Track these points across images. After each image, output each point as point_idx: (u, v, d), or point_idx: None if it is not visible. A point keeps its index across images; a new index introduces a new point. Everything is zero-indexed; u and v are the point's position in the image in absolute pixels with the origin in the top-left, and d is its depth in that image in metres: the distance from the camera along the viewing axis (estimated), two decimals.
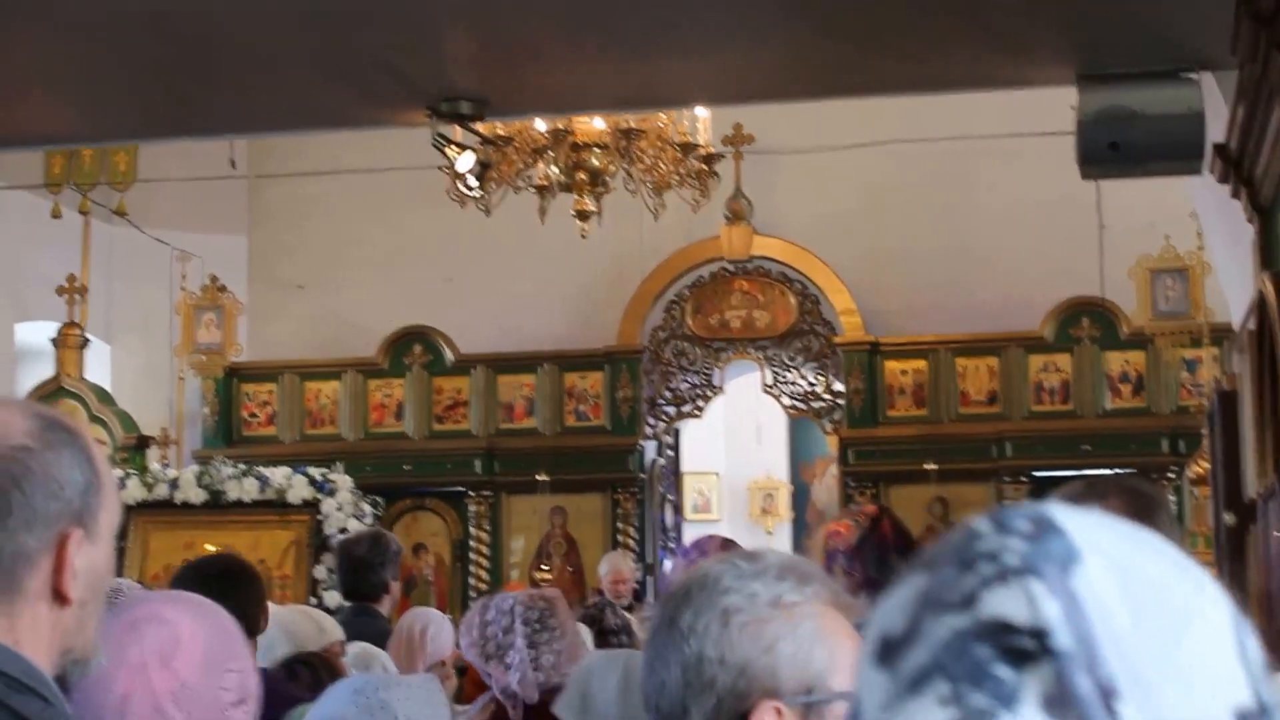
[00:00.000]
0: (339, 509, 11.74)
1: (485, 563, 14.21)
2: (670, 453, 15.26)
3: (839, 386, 14.11)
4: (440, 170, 8.78)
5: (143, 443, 13.43)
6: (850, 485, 13.96)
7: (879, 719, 0.80)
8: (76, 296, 13.43)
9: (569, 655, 4.12)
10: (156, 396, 14.54)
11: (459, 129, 6.41)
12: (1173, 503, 13.02)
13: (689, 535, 15.94)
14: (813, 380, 14.32)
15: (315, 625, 5.22)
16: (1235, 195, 5.95)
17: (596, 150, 11.33)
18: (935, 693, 0.77)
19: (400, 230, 14.65)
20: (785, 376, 14.34)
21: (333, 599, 11.37)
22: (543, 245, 12.97)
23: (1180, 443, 13.05)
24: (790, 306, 14.28)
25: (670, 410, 14.62)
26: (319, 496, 11.76)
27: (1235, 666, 0.76)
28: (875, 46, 5.96)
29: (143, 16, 5.37)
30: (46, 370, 13.54)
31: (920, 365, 13.85)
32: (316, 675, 4.56)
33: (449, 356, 14.42)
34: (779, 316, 14.30)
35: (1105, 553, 0.80)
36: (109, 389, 13.88)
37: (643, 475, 14.36)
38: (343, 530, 11.68)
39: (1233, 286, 7.55)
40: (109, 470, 1.87)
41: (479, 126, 6.47)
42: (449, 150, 6.27)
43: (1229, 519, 6.27)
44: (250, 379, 14.61)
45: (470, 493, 14.29)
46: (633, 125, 11.15)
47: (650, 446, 14.59)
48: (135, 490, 11.75)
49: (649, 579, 14.12)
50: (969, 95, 8.98)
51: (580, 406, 14.31)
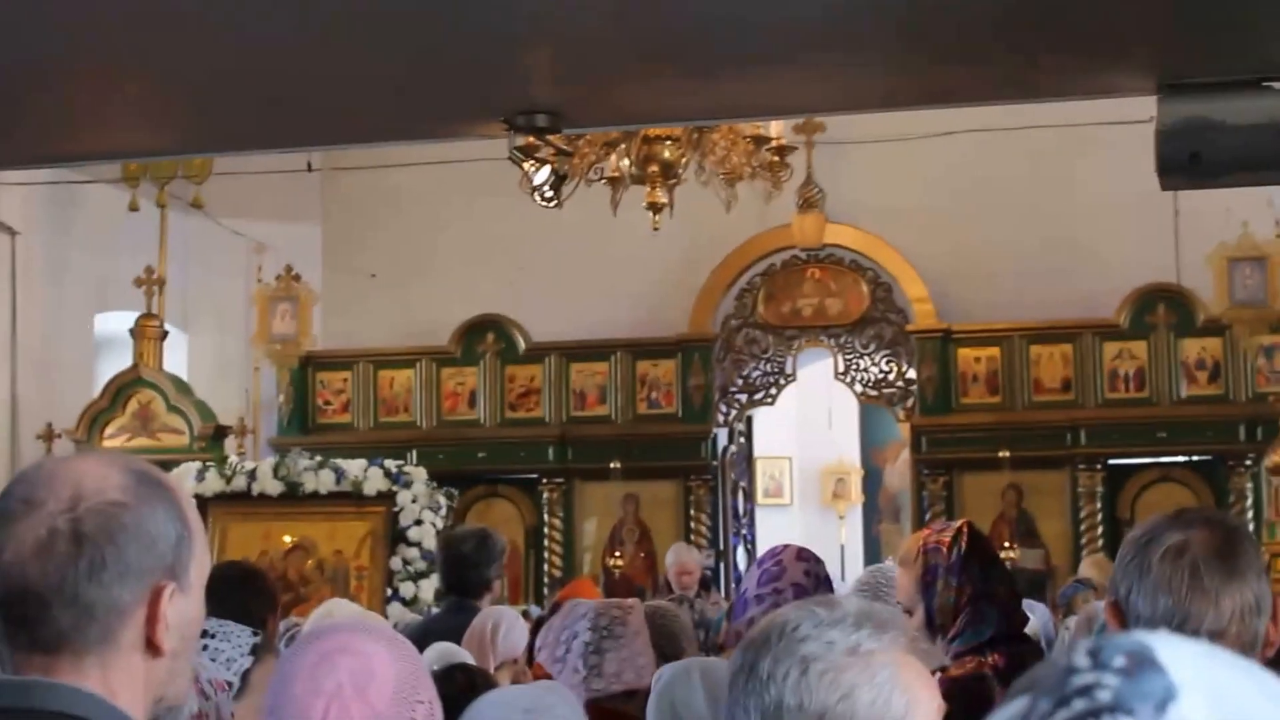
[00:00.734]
0: (414, 501, 11.78)
1: (558, 550, 14.29)
2: (742, 439, 15.26)
3: (911, 374, 14.07)
4: (513, 162, 8.77)
5: (220, 432, 13.54)
6: (923, 473, 13.94)
7: None
8: (154, 288, 13.55)
9: (637, 663, 4.13)
10: (232, 386, 14.69)
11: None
12: (1249, 490, 12.95)
13: (761, 520, 15.99)
14: (885, 367, 14.28)
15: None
16: None
17: (668, 143, 11.31)
18: None
19: (473, 220, 14.70)
20: (857, 364, 14.32)
21: (408, 590, 11.48)
22: (615, 234, 12.97)
23: (1258, 430, 12.95)
24: (862, 294, 14.25)
25: (742, 398, 14.62)
26: (394, 488, 11.81)
27: None
28: (957, 57, 5.91)
29: (222, 38, 5.40)
30: (125, 360, 13.69)
31: (993, 352, 13.79)
32: (472, 682, 4.59)
33: (522, 345, 14.49)
34: (851, 304, 14.27)
35: (1207, 690, 0.79)
36: (186, 379, 14.01)
37: (715, 462, 14.39)
38: (417, 522, 11.76)
39: None
40: (200, 522, 1.90)
41: (555, 139, 6.47)
42: (526, 164, 6.30)
43: None
44: (325, 368, 14.74)
45: (543, 480, 14.37)
46: None
47: (722, 433, 14.60)
48: (213, 482, 11.82)
49: (721, 565, 14.16)
50: None
51: (653, 394, 14.34)
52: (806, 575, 3.96)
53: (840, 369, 14.37)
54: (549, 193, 6.79)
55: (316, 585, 11.76)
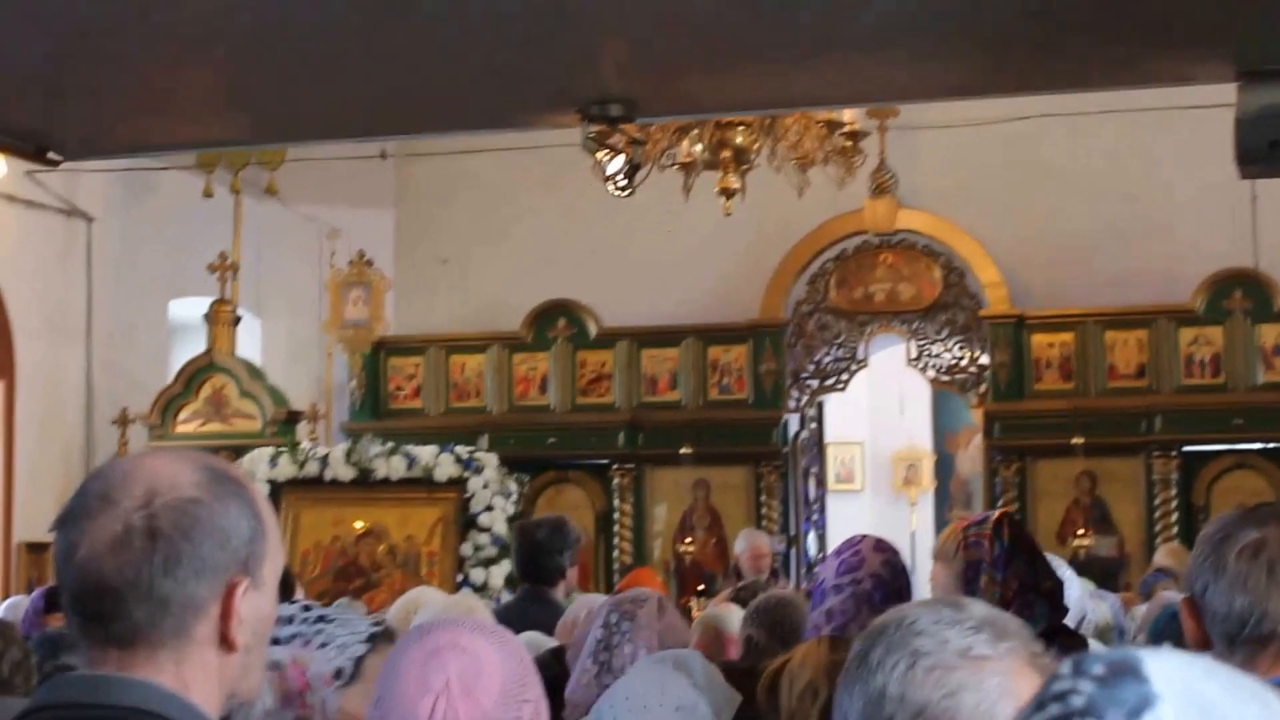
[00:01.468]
0: (485, 487, 11.82)
1: (628, 535, 14.30)
2: (813, 425, 15.21)
3: (984, 359, 13.99)
4: (587, 151, 8.76)
5: (292, 417, 13.61)
6: (995, 459, 13.86)
7: None
8: (228, 274, 13.64)
9: (640, 655, 4.09)
10: (305, 371, 14.81)
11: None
12: None
13: (832, 506, 15.94)
14: (957, 353, 14.20)
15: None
16: None
17: (741, 128, 11.27)
18: None
19: (545, 205, 14.73)
20: (930, 349, 14.25)
21: (478, 576, 11.51)
22: (686, 219, 12.95)
23: None
24: (935, 279, 14.16)
25: (813, 383, 14.58)
26: (466, 474, 11.85)
27: None
28: (1033, 45, 5.86)
29: (300, 28, 5.42)
30: (198, 346, 13.79)
31: (1067, 338, 13.68)
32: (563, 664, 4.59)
33: (593, 330, 14.50)
34: (924, 289, 14.19)
35: (1188, 702, 0.80)
36: (259, 364, 14.10)
37: (785, 448, 14.35)
38: (488, 508, 11.80)
39: None
40: (273, 518, 1.93)
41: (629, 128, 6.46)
42: (600, 154, 6.30)
43: None
44: (397, 353, 14.80)
45: (614, 466, 14.38)
46: None
47: (793, 419, 14.57)
48: (286, 467, 11.89)
49: (792, 551, 14.13)
50: None
51: (724, 379, 14.32)
52: (885, 565, 3.92)
53: (913, 354, 14.31)
54: (622, 181, 6.79)
55: (388, 571, 11.83)
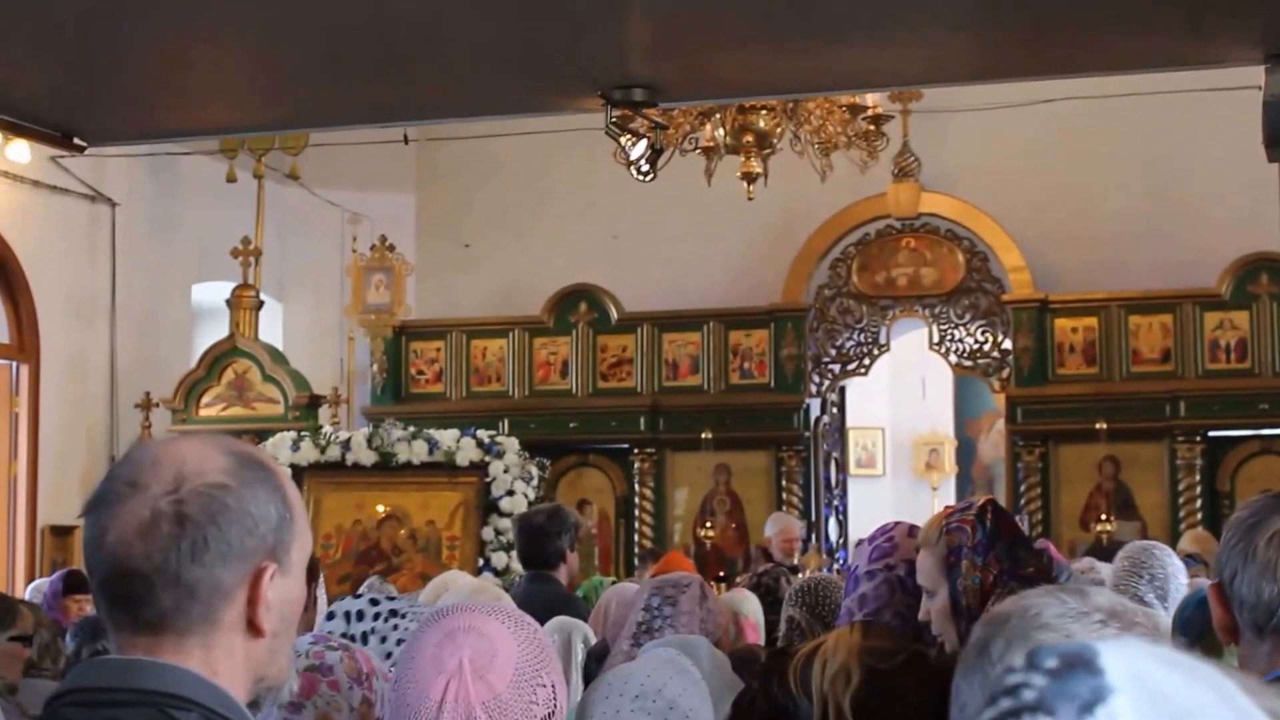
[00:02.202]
0: (506, 471, 11.82)
1: (649, 519, 14.30)
2: (835, 410, 15.18)
3: (1007, 344, 13.94)
4: (610, 136, 8.74)
5: (314, 402, 13.65)
6: (1018, 444, 13.83)
7: None
8: (250, 258, 13.68)
9: (680, 638, 4.09)
10: (327, 355, 14.85)
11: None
12: None
13: (853, 491, 15.92)
14: (980, 337, 14.15)
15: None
16: None
17: (763, 112, 11.26)
18: None
19: (566, 190, 14.73)
20: (952, 334, 14.19)
21: (500, 560, 11.52)
22: (708, 203, 12.92)
23: None
24: (958, 264, 14.12)
25: (835, 368, 14.54)
26: (487, 459, 11.85)
27: None
28: (1060, 29, 5.84)
29: (323, 13, 5.42)
30: (221, 330, 13.83)
31: (1091, 322, 13.62)
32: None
33: (614, 314, 14.49)
34: (946, 274, 14.14)
35: (1145, 692, 0.79)
36: (281, 349, 14.15)
37: (807, 433, 14.33)
38: (509, 492, 11.80)
39: None
40: (301, 504, 1.92)
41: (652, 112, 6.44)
42: (623, 139, 6.28)
43: None
44: (418, 337, 14.81)
45: (635, 450, 14.39)
46: None
47: (815, 404, 14.54)
48: (308, 451, 11.90)
49: (813, 536, 14.11)
50: None
51: (745, 364, 14.30)
52: (918, 551, 3.92)
53: (935, 339, 14.26)
54: (645, 166, 6.77)
55: (409, 555, 11.84)
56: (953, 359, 14.34)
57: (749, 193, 11.47)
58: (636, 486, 14.33)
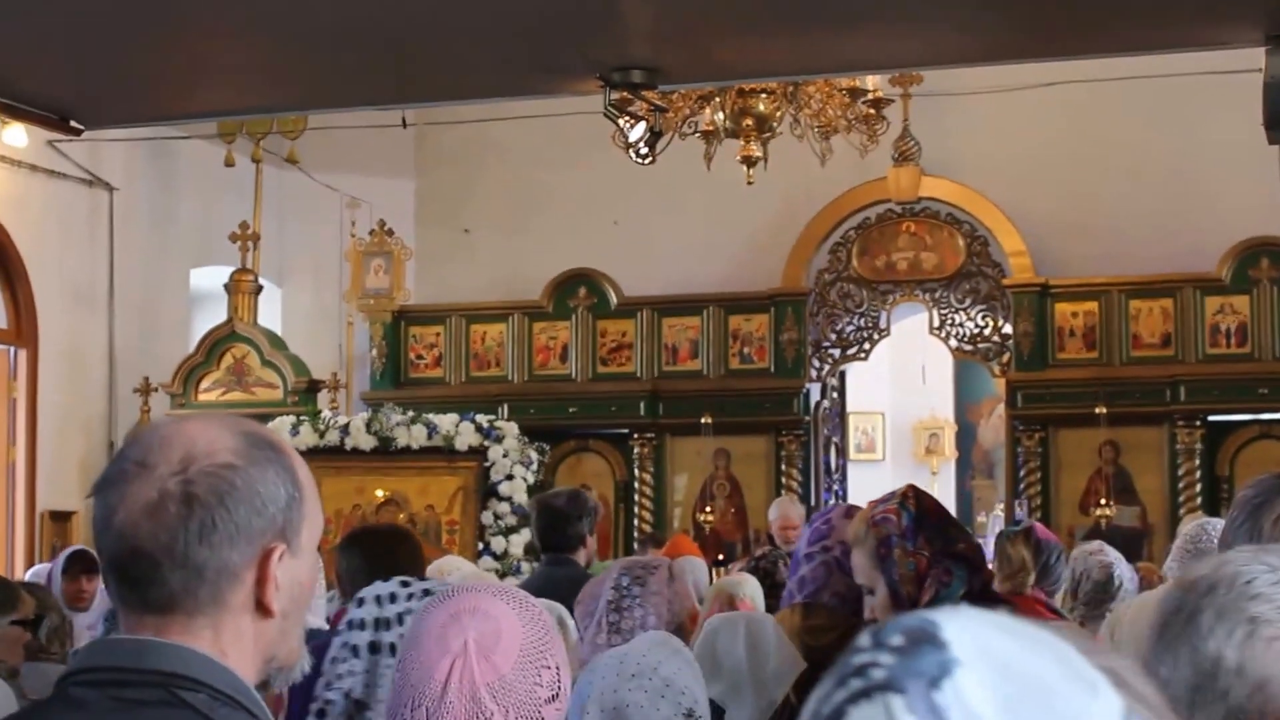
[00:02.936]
0: (505, 456, 11.84)
1: (649, 504, 14.32)
2: (835, 394, 15.19)
3: (1007, 328, 13.93)
4: (608, 119, 8.74)
5: (313, 386, 13.64)
6: (1018, 429, 13.83)
7: None
8: (249, 243, 13.68)
9: (649, 621, 4.11)
10: (326, 340, 14.85)
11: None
12: None
13: (853, 476, 15.94)
14: (980, 322, 14.14)
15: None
16: None
17: (763, 96, 11.23)
18: None
19: (566, 175, 14.72)
20: (953, 318, 14.19)
21: (499, 545, 11.54)
22: (708, 188, 12.90)
23: None
24: (958, 248, 14.10)
25: (835, 353, 14.54)
26: (486, 443, 11.87)
27: None
28: (1061, 11, 5.83)
29: None
30: (220, 315, 13.84)
31: (1091, 307, 13.62)
32: None
33: (614, 299, 14.49)
34: (946, 258, 14.13)
35: (988, 665, 0.81)
36: (280, 333, 14.15)
37: (807, 418, 14.33)
38: (509, 477, 11.82)
39: None
40: (312, 485, 1.91)
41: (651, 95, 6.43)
42: (621, 121, 6.27)
43: None
44: (417, 322, 14.82)
45: (634, 435, 14.39)
46: None
47: (815, 388, 14.54)
48: (307, 436, 11.94)
49: None
50: None
51: (745, 349, 14.30)
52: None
53: (935, 324, 14.24)
54: (644, 149, 6.76)
55: None
56: (953, 343, 14.34)
57: (749, 177, 11.45)
58: (636, 471, 14.33)
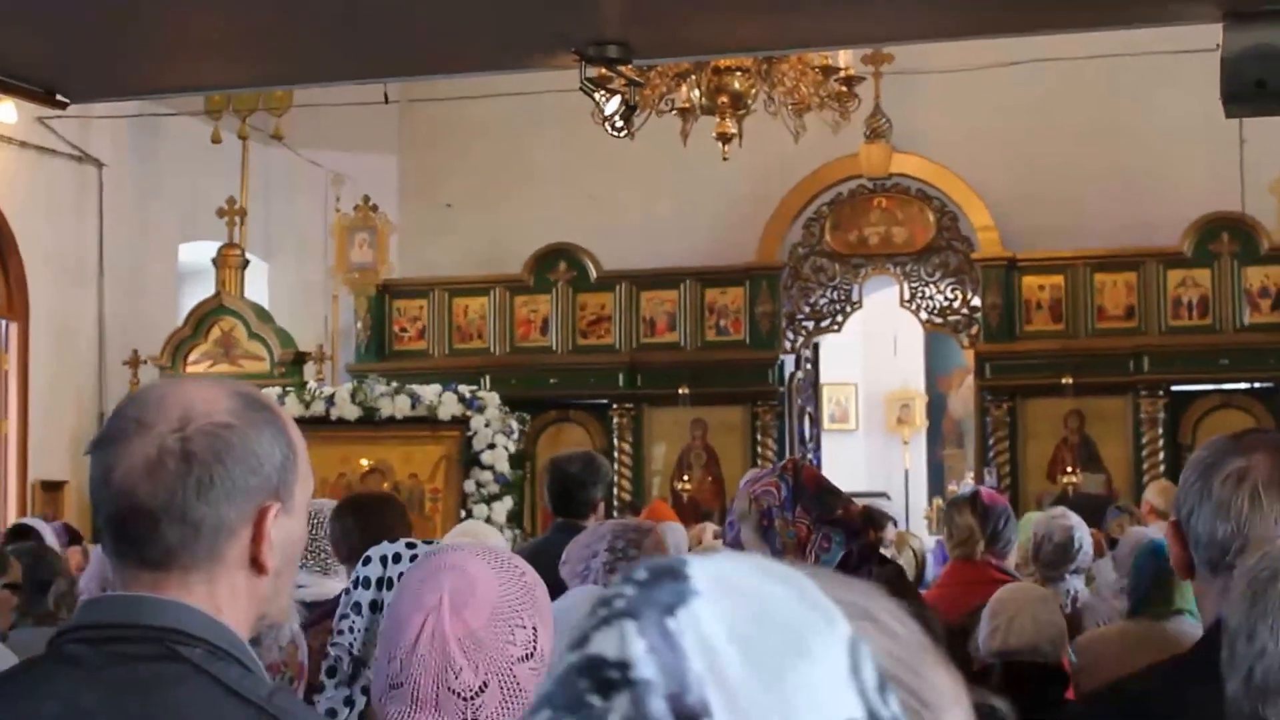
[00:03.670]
0: (487, 425, 12.05)
1: (628, 473, 14.55)
2: (809, 366, 15.47)
3: (976, 301, 14.22)
4: (584, 93, 8.93)
5: (299, 359, 13.79)
6: (987, 399, 14.12)
7: None
8: (236, 218, 13.83)
9: None
10: (312, 313, 15.06)
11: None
12: None
13: (826, 445, 16.22)
14: (950, 295, 14.44)
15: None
16: None
17: (738, 74, 11.46)
18: (539, 718, 0.86)
19: (546, 151, 14.95)
20: (923, 292, 14.48)
21: (480, 512, 11.74)
22: (685, 164, 13.12)
23: None
24: (928, 223, 14.40)
25: (809, 325, 14.83)
26: (468, 413, 12.09)
27: (845, 687, 0.85)
28: None
29: None
30: (208, 289, 14.03)
31: (1058, 280, 13.92)
32: None
33: (593, 273, 14.74)
34: (917, 233, 14.42)
35: (727, 594, 0.86)
36: (267, 307, 14.33)
37: (781, 388, 14.60)
38: (490, 446, 12.02)
39: None
40: (304, 446, 1.95)
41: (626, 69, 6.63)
42: (597, 95, 6.51)
43: None
44: (401, 296, 15.06)
45: (613, 406, 14.66)
46: None
47: (789, 360, 14.82)
48: (293, 407, 12.01)
49: None
50: None
51: (721, 321, 14.56)
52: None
53: (906, 297, 14.55)
54: (619, 123, 7.01)
55: None
56: (923, 316, 14.63)
57: (724, 153, 11.66)
58: (615, 441, 14.57)
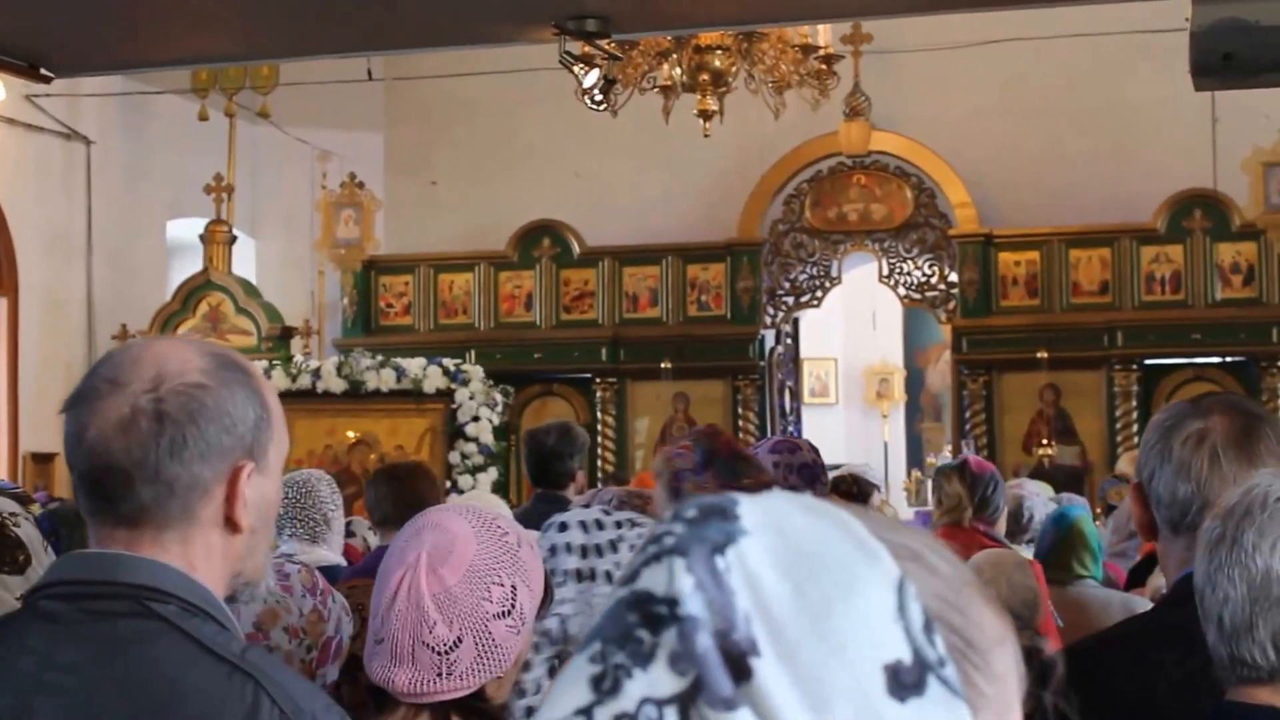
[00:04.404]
0: (471, 398, 12.22)
1: (611, 446, 14.74)
2: (789, 341, 15.64)
3: (953, 277, 14.41)
4: (563, 65, 9.05)
5: (286, 333, 13.98)
6: (964, 373, 14.31)
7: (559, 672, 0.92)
8: (223, 195, 14.00)
9: None
10: (299, 289, 15.19)
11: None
12: None
13: (807, 419, 16.40)
14: (928, 271, 14.63)
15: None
16: None
17: (719, 52, 11.60)
18: (589, 651, 0.86)
19: (530, 128, 15.10)
20: (901, 268, 14.67)
21: (466, 483, 11.92)
22: (667, 141, 13.26)
23: None
24: (906, 200, 14.58)
25: (789, 300, 15.00)
26: (453, 386, 12.25)
27: (891, 627, 0.84)
28: None
29: None
30: (195, 265, 14.20)
31: (1033, 256, 14.10)
32: None
33: (576, 249, 14.91)
34: (895, 209, 14.60)
35: (776, 532, 0.86)
36: (254, 282, 14.49)
37: (762, 363, 14.78)
38: (475, 418, 12.20)
39: None
40: (279, 407, 1.95)
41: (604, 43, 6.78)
42: (575, 68, 6.67)
43: None
44: (387, 271, 15.21)
45: (596, 380, 14.84)
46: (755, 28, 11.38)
47: (769, 335, 15.00)
48: (280, 380, 12.19)
49: None
50: None
51: (702, 297, 14.73)
52: (775, 467, 4.06)
53: (884, 272, 14.73)
54: (598, 96, 7.17)
55: None
56: (901, 291, 14.82)
57: (705, 130, 11.81)
58: (599, 415, 14.75)
